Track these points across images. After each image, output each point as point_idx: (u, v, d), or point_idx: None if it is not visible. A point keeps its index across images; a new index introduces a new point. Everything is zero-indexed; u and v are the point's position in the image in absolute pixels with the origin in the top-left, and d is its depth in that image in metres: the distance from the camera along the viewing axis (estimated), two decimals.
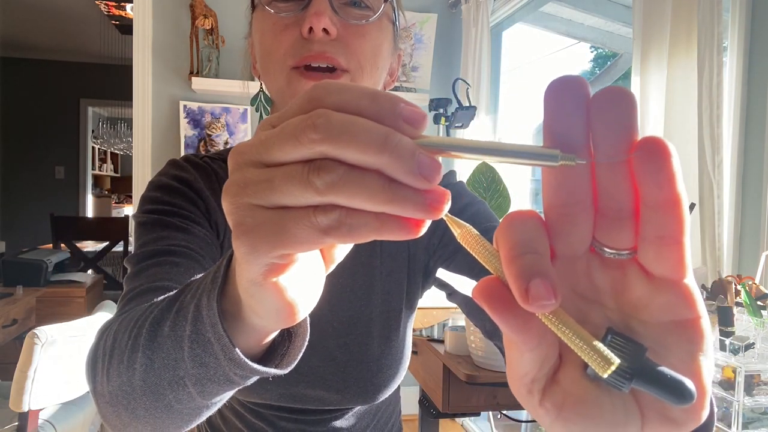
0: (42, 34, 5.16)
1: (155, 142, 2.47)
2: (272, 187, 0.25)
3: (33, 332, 1.61)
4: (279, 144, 0.25)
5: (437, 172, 0.24)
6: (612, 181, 0.24)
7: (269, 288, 0.29)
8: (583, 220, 0.25)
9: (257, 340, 0.36)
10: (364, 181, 0.24)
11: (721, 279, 1.06)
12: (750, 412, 0.92)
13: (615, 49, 2.51)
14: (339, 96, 0.24)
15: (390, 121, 0.24)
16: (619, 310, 0.26)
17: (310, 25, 0.55)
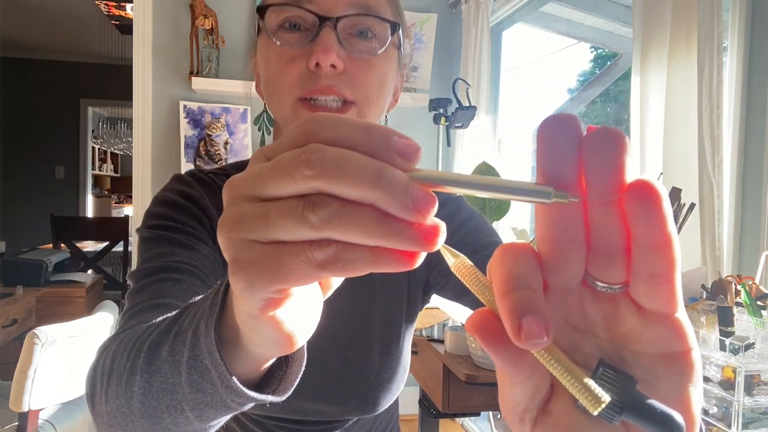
0: (42, 34, 5.16)
1: (155, 142, 2.47)
2: (267, 222, 0.25)
3: (33, 332, 1.61)
4: (273, 179, 0.25)
5: (431, 205, 0.24)
6: (604, 219, 0.24)
7: (267, 321, 0.29)
8: (576, 256, 0.25)
9: (255, 367, 0.36)
10: (358, 216, 0.24)
11: (721, 279, 1.06)
12: (750, 412, 0.92)
13: (615, 49, 2.51)
14: (332, 130, 0.24)
15: (383, 154, 0.24)
16: (612, 341, 0.26)
17: (318, 60, 0.55)
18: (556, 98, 3.00)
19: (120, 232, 3.90)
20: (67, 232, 3.84)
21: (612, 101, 2.83)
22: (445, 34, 2.68)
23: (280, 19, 0.59)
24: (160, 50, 2.46)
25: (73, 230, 3.91)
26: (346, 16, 0.58)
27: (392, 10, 0.64)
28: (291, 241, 0.25)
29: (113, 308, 1.99)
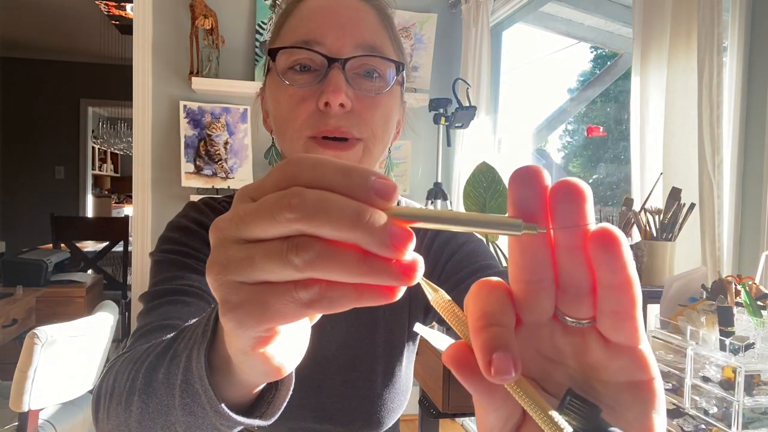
0: (42, 34, 5.16)
1: (155, 142, 2.47)
2: (253, 264, 0.26)
3: (33, 332, 1.61)
4: (257, 222, 0.26)
5: (408, 241, 0.25)
6: (571, 263, 0.26)
7: (257, 357, 0.31)
8: (546, 295, 0.27)
9: (245, 392, 0.38)
10: (340, 256, 0.25)
11: (721, 279, 1.06)
12: (750, 412, 0.92)
13: (615, 49, 2.51)
14: (312, 172, 0.26)
15: (362, 194, 0.25)
16: (581, 371, 0.28)
17: (327, 100, 0.59)
18: (556, 98, 3.00)
19: (120, 232, 3.90)
20: (67, 232, 3.84)
21: (612, 101, 2.83)
22: (445, 34, 2.68)
23: (290, 61, 0.62)
24: (160, 50, 2.46)
25: (73, 230, 3.91)
26: (353, 57, 0.61)
27: (395, 49, 0.67)
28: (277, 282, 0.27)
29: (113, 308, 1.99)
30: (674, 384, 1.08)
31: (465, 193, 1.16)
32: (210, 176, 2.43)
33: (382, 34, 0.65)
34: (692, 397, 1.00)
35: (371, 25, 0.64)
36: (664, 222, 1.38)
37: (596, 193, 3.95)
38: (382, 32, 0.65)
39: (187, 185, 2.40)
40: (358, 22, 0.63)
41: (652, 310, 1.36)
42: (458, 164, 2.46)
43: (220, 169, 2.44)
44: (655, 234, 1.40)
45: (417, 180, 2.66)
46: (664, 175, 1.45)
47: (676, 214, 1.36)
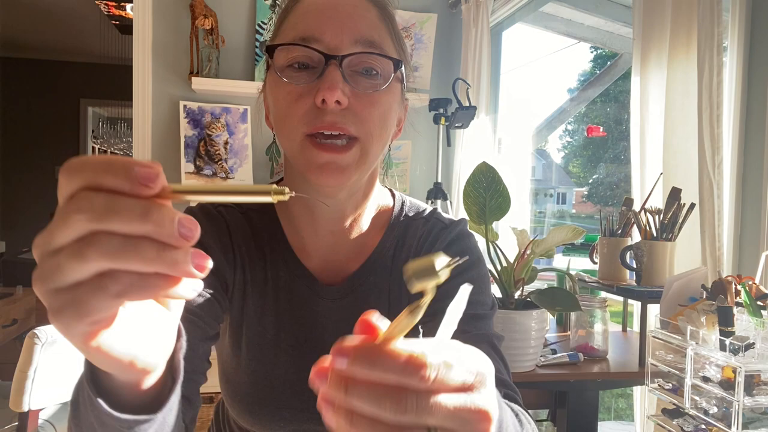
0: (42, 34, 5.15)
1: (155, 142, 2.47)
2: (60, 269, 0.28)
3: (33, 332, 1.61)
4: (57, 229, 0.29)
5: (195, 231, 0.29)
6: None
7: (94, 351, 0.32)
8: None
9: (133, 390, 0.40)
10: (137, 247, 0.28)
11: (721, 279, 1.06)
12: (750, 412, 0.92)
13: (615, 49, 2.51)
14: (80, 173, 0.29)
15: (127, 186, 0.28)
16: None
17: (323, 97, 0.58)
18: (556, 98, 3.00)
19: None
20: None
21: (612, 101, 2.83)
22: (445, 34, 2.68)
23: (288, 58, 0.62)
24: (160, 50, 2.46)
25: None
26: (350, 54, 0.60)
27: (395, 46, 0.66)
28: (86, 280, 0.29)
29: None
30: (674, 384, 1.08)
31: (465, 193, 1.16)
32: (210, 176, 2.43)
33: (382, 30, 0.64)
34: (692, 397, 1.00)
35: (371, 21, 0.64)
36: (664, 222, 1.38)
37: (596, 193, 3.95)
38: (382, 28, 0.65)
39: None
40: (358, 18, 0.62)
41: (652, 310, 1.36)
42: (458, 164, 2.46)
43: (220, 169, 2.44)
44: (655, 234, 1.40)
45: (417, 180, 2.66)
46: (664, 175, 1.45)
47: (676, 214, 1.36)
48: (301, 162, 0.62)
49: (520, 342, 1.25)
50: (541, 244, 1.26)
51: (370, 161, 0.65)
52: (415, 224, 0.76)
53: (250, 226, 0.73)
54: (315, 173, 0.61)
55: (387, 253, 0.74)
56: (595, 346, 1.39)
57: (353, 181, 0.65)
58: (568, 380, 1.31)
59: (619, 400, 3.10)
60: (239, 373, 0.72)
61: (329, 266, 0.73)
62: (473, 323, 0.68)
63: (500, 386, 0.63)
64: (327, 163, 0.61)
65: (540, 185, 4.07)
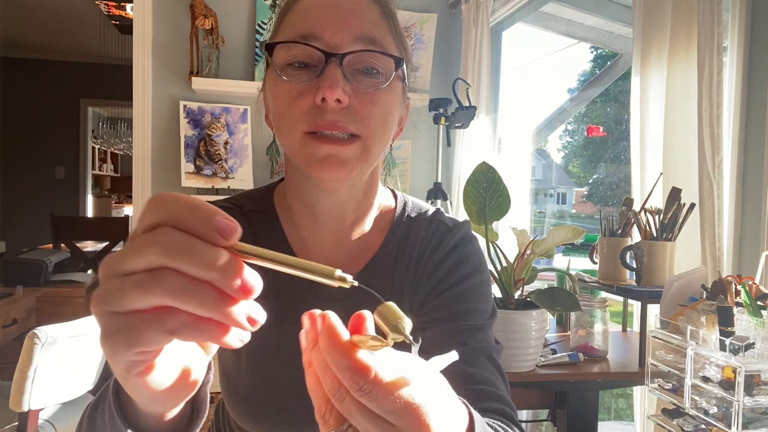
0: (42, 34, 5.15)
1: (155, 142, 2.47)
2: (123, 294, 0.30)
3: (33, 332, 1.61)
4: (129, 257, 0.30)
5: (256, 288, 0.30)
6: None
7: (133, 381, 0.34)
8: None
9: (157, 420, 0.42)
10: (196, 290, 0.29)
11: (721, 279, 1.06)
12: (750, 412, 0.92)
13: (615, 49, 2.51)
14: (167, 209, 0.30)
15: (204, 232, 0.30)
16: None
17: (324, 96, 0.58)
18: (556, 98, 3.00)
19: (120, 232, 3.90)
20: (67, 232, 3.84)
21: (612, 101, 2.83)
22: (445, 34, 2.68)
23: (288, 56, 0.61)
24: (160, 50, 2.46)
25: (73, 230, 3.90)
26: (351, 52, 0.60)
27: (397, 44, 0.65)
28: (145, 311, 0.30)
29: None
30: (674, 384, 1.08)
31: (465, 193, 1.16)
32: (210, 176, 2.43)
33: (384, 28, 0.64)
34: (692, 397, 1.00)
35: (372, 19, 0.63)
36: (664, 222, 1.38)
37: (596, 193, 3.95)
38: (384, 26, 0.64)
39: (187, 185, 2.40)
40: (359, 15, 0.62)
41: (652, 310, 1.36)
42: (458, 164, 2.46)
43: (220, 169, 2.44)
44: (655, 234, 1.40)
45: (417, 180, 2.66)
46: (664, 175, 1.45)
47: (676, 214, 1.36)
48: (302, 158, 0.61)
49: (520, 342, 1.25)
50: (541, 244, 1.26)
51: (372, 159, 0.64)
52: (417, 225, 0.76)
53: (250, 228, 0.72)
54: (316, 167, 0.60)
55: (390, 255, 0.73)
56: (595, 346, 1.39)
57: (354, 177, 0.64)
58: (568, 380, 1.31)
59: (619, 400, 3.10)
60: (240, 375, 0.71)
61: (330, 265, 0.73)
62: (472, 335, 0.67)
63: (496, 401, 0.62)
64: (328, 156, 0.60)
65: (540, 185, 4.07)
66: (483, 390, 0.62)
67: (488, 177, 1.14)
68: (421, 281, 0.72)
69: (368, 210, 0.73)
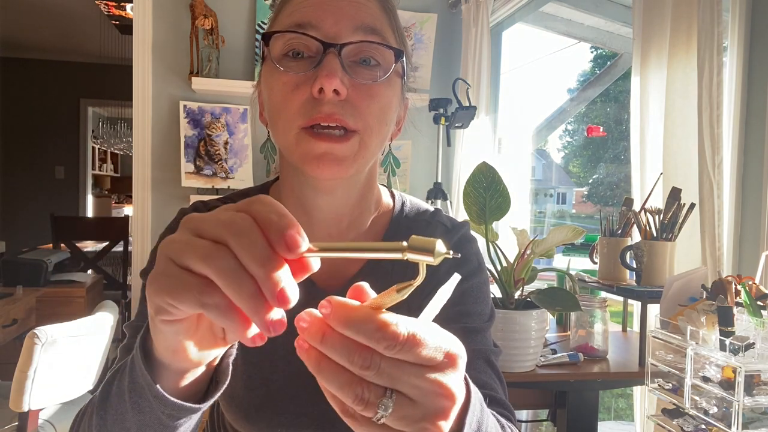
0: (42, 34, 5.15)
1: (155, 142, 2.47)
2: (184, 249, 0.33)
3: (33, 332, 1.61)
4: (206, 222, 0.33)
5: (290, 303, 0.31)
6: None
7: (156, 326, 0.37)
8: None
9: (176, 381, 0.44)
10: (240, 279, 0.31)
11: (721, 279, 1.06)
12: (750, 412, 0.92)
13: (615, 49, 2.51)
14: (262, 204, 0.33)
15: (275, 235, 0.31)
16: None
17: (321, 86, 0.56)
18: (556, 98, 3.00)
19: (120, 232, 3.90)
20: (67, 232, 3.84)
21: (612, 101, 2.83)
22: (445, 34, 2.68)
23: (285, 47, 0.60)
24: (160, 50, 2.46)
25: (73, 230, 3.90)
26: (350, 43, 0.58)
27: (396, 38, 0.64)
28: (197, 275, 0.33)
29: (113, 308, 1.99)
30: (674, 384, 1.08)
31: (465, 193, 1.16)
32: (210, 176, 2.43)
33: (383, 21, 0.62)
34: (692, 397, 1.00)
35: (372, 10, 0.61)
36: (664, 222, 1.38)
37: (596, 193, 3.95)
38: (384, 19, 0.62)
39: (187, 185, 2.40)
40: (358, 6, 0.60)
41: (652, 310, 1.36)
42: (458, 164, 2.46)
43: (220, 169, 2.44)
44: (655, 234, 1.40)
45: (417, 180, 2.66)
46: (664, 175, 1.45)
47: (676, 214, 1.36)
48: (297, 155, 0.60)
49: (520, 342, 1.25)
50: (541, 244, 1.26)
51: (369, 156, 0.62)
52: (416, 226, 0.75)
53: None
54: (311, 165, 0.58)
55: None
56: (595, 346, 1.39)
57: (351, 175, 0.62)
58: (568, 380, 1.31)
59: (619, 400, 3.10)
60: (235, 377, 0.70)
61: (327, 269, 0.70)
62: (471, 337, 0.67)
63: (494, 405, 0.62)
64: (324, 153, 0.58)
65: (540, 185, 4.07)
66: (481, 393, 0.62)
67: (488, 177, 1.14)
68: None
69: (366, 210, 0.72)
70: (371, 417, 0.32)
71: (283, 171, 0.70)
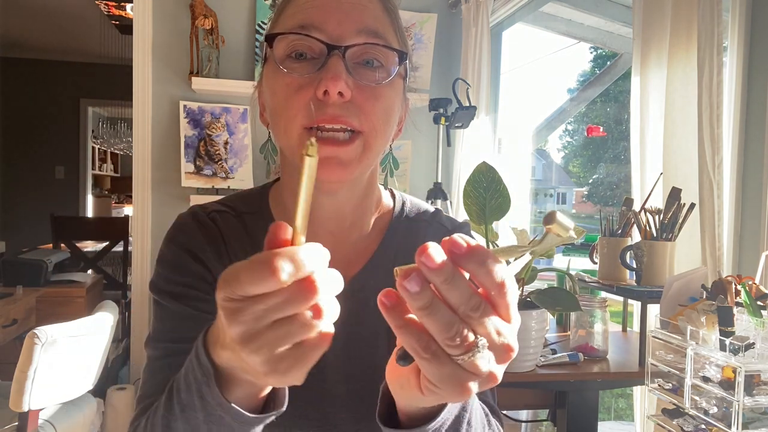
0: (42, 34, 5.15)
1: (155, 142, 2.47)
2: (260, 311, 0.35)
3: (33, 332, 1.61)
4: (264, 275, 0.34)
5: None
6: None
7: (261, 379, 0.38)
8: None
9: (250, 397, 0.46)
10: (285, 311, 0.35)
11: (721, 279, 1.06)
12: (750, 412, 0.92)
13: (615, 49, 2.51)
14: (313, 262, 0.36)
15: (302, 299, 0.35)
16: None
17: (326, 88, 0.55)
18: (556, 98, 3.00)
19: (120, 232, 3.89)
20: (67, 232, 3.84)
21: (612, 101, 2.83)
22: (445, 34, 2.68)
23: (288, 48, 0.59)
24: (160, 50, 2.46)
25: (73, 230, 3.90)
26: (354, 45, 0.58)
27: (398, 39, 0.64)
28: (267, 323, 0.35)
29: (113, 308, 1.99)
30: (674, 384, 1.08)
31: (465, 193, 1.16)
32: (210, 176, 2.43)
33: (386, 23, 0.62)
34: (692, 397, 1.00)
35: (375, 12, 0.61)
36: (664, 222, 1.38)
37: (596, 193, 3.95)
38: (386, 21, 0.62)
39: (187, 185, 2.40)
40: (361, 8, 0.60)
41: (652, 310, 1.36)
42: (458, 164, 2.46)
43: (220, 169, 2.44)
44: (655, 234, 1.40)
45: (417, 180, 2.66)
46: (664, 175, 1.45)
47: (676, 214, 1.36)
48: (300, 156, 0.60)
49: (520, 342, 1.25)
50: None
51: (373, 157, 0.62)
52: (416, 226, 0.75)
53: (245, 230, 0.71)
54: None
55: (389, 256, 0.72)
56: (595, 346, 1.39)
57: (355, 177, 0.63)
58: (568, 380, 1.31)
59: (619, 400, 3.10)
60: None
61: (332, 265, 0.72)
62: None
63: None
64: (328, 157, 0.58)
65: (540, 185, 4.07)
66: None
67: (488, 177, 1.14)
68: None
69: (367, 210, 0.72)
70: (464, 354, 0.35)
71: (284, 171, 0.70)
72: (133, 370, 2.61)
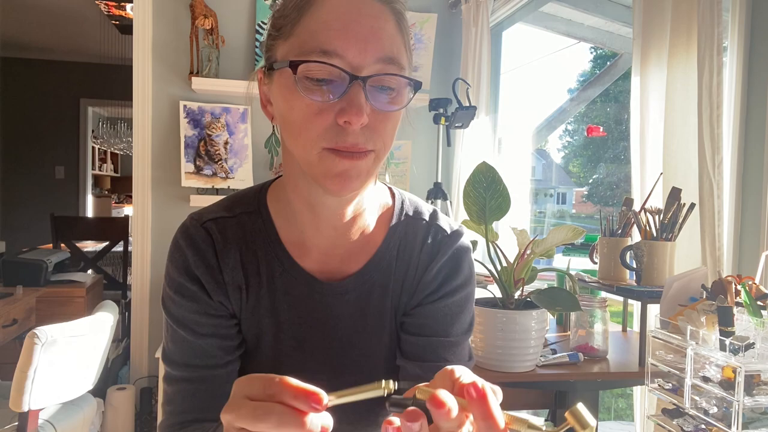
0: (42, 34, 5.15)
1: (155, 142, 2.47)
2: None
3: (33, 332, 1.61)
4: (258, 414, 0.40)
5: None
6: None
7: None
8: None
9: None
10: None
11: (721, 279, 1.06)
12: (750, 412, 0.92)
13: (615, 49, 2.51)
14: (286, 393, 0.40)
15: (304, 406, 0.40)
16: None
17: (349, 120, 0.59)
18: (556, 98, 3.00)
19: (120, 232, 3.90)
20: (67, 232, 3.84)
21: (612, 101, 2.83)
22: (445, 34, 2.68)
23: (307, 70, 0.61)
24: (160, 50, 2.46)
25: (73, 230, 3.90)
26: (375, 75, 0.61)
27: (407, 56, 0.67)
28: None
29: (113, 308, 1.99)
30: (674, 384, 1.08)
31: (465, 193, 1.16)
32: (210, 176, 2.43)
33: (400, 44, 0.65)
34: (692, 397, 1.00)
35: (391, 35, 0.63)
36: (664, 222, 1.38)
37: (596, 193, 3.95)
38: (400, 41, 0.65)
39: (187, 185, 2.40)
40: (380, 32, 0.62)
41: (652, 310, 1.36)
42: (458, 164, 2.46)
43: (220, 169, 2.44)
44: (655, 234, 1.40)
45: (417, 180, 2.66)
46: (664, 175, 1.45)
47: (676, 214, 1.36)
48: (319, 171, 0.63)
49: (520, 342, 1.25)
50: (541, 244, 1.26)
51: (379, 166, 0.67)
52: (416, 225, 0.77)
53: (243, 231, 0.73)
54: (331, 181, 0.62)
55: (390, 253, 0.75)
56: (595, 346, 1.39)
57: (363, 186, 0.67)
58: (568, 380, 1.31)
59: (619, 400, 3.10)
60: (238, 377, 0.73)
61: (329, 263, 0.74)
62: (451, 350, 0.74)
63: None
64: (345, 170, 0.62)
65: (540, 185, 4.07)
66: None
67: (488, 177, 1.14)
68: (416, 284, 0.76)
69: (369, 207, 0.74)
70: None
71: (288, 169, 0.72)
72: (133, 370, 2.61)
